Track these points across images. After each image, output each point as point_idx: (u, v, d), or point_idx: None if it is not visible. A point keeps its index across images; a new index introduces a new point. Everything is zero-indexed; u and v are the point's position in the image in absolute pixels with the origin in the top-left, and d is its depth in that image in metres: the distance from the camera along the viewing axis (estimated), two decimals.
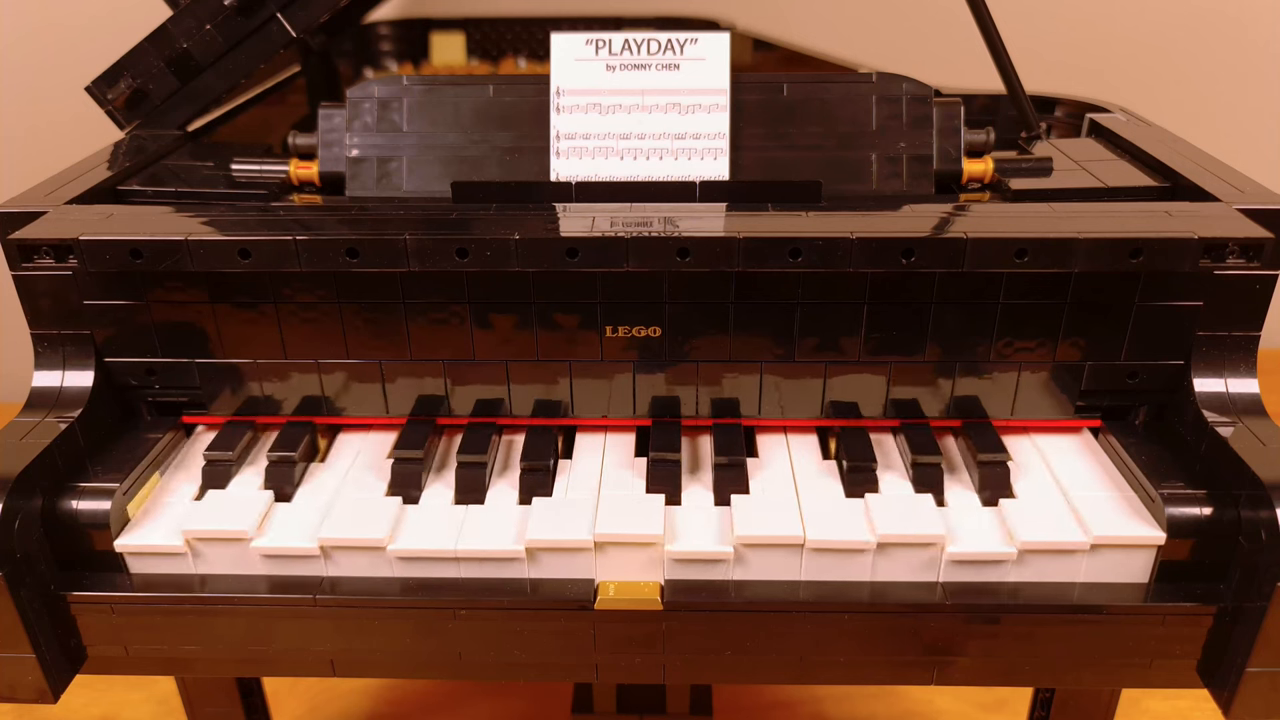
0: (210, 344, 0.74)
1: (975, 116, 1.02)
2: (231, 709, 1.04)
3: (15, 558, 0.63)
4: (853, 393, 0.75)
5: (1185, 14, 1.71)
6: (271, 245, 0.66)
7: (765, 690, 1.34)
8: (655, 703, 1.06)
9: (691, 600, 0.66)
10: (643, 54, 0.79)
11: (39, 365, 0.74)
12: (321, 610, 0.67)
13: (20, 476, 0.65)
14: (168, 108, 0.87)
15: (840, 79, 0.80)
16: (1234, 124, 1.79)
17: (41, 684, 0.66)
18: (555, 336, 0.73)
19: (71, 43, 1.66)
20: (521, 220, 0.69)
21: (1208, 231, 0.65)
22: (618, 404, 0.76)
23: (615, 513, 0.68)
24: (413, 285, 0.71)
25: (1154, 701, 1.29)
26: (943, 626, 0.66)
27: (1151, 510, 0.68)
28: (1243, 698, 0.64)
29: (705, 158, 0.78)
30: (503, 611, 0.67)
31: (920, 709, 1.32)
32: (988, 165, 0.80)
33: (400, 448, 0.73)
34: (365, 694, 1.35)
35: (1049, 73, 1.67)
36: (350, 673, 0.71)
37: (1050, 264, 0.66)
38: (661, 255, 0.66)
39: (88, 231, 0.67)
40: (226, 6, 0.83)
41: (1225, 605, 0.64)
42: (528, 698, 1.33)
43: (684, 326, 0.72)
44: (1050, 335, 0.72)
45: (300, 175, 0.82)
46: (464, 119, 0.80)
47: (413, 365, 0.75)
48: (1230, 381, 0.71)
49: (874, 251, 0.66)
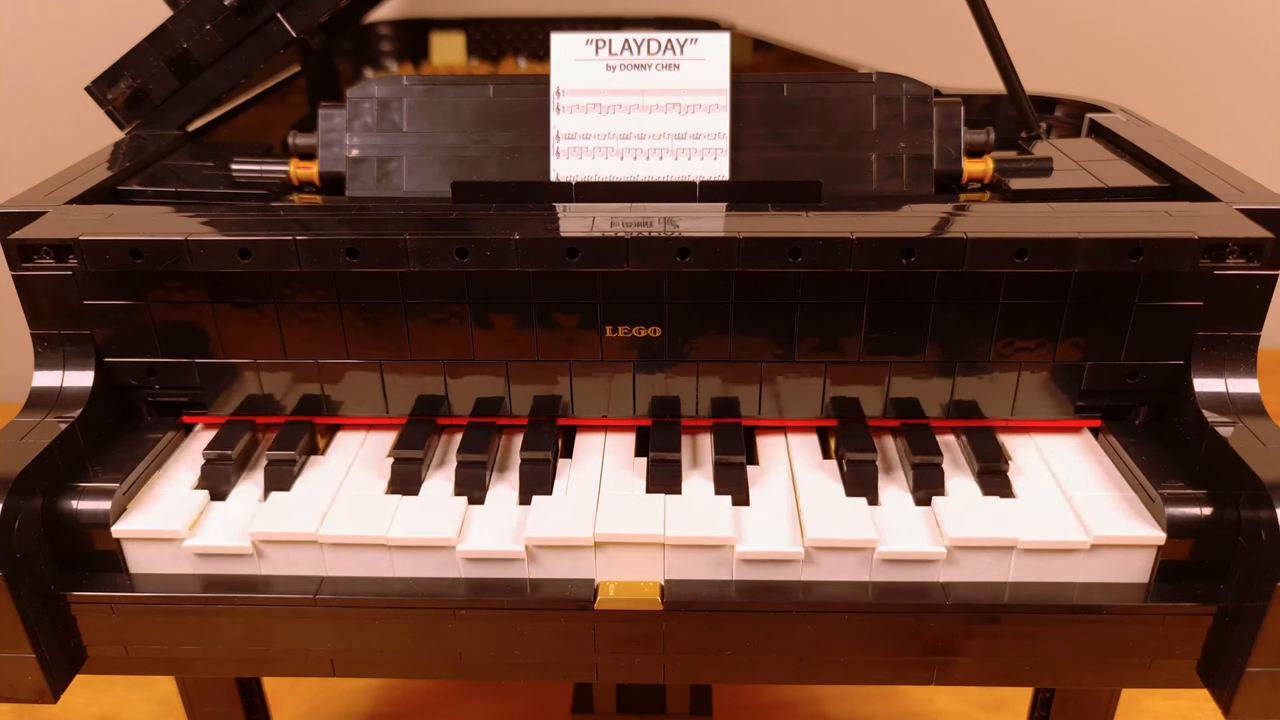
0: (210, 344, 0.74)
1: (975, 116, 1.02)
2: (231, 709, 1.05)
3: (15, 558, 0.64)
4: (853, 393, 0.75)
5: (1185, 14, 1.71)
6: (271, 245, 0.66)
7: (765, 690, 1.34)
8: (655, 703, 1.06)
9: (691, 600, 0.66)
10: (643, 54, 0.79)
11: (39, 365, 0.74)
12: (321, 610, 0.67)
13: (20, 476, 0.65)
14: (168, 108, 0.87)
15: (840, 79, 0.80)
16: (1234, 124, 1.79)
17: (41, 684, 0.66)
18: (555, 336, 0.73)
19: (71, 43, 1.66)
20: (521, 220, 0.69)
21: (1208, 231, 0.65)
22: (618, 404, 0.76)
23: (615, 513, 0.68)
24: (413, 285, 0.71)
25: (1154, 701, 1.29)
26: (943, 627, 0.66)
27: (1151, 510, 0.68)
28: (1243, 698, 0.64)
29: (705, 158, 0.78)
30: (503, 611, 0.67)
31: (920, 709, 1.32)
32: (988, 165, 0.80)
33: (400, 447, 0.74)
34: (365, 694, 1.35)
35: (1049, 73, 1.67)
36: (350, 673, 0.71)
37: (1050, 264, 0.66)
38: (661, 255, 0.66)
39: (88, 231, 0.67)
40: (226, 6, 0.83)
41: (1225, 605, 0.64)
42: (528, 698, 1.33)
43: (684, 326, 0.72)
44: (1050, 335, 0.72)
45: (300, 175, 0.82)
46: (464, 119, 0.80)
47: (413, 365, 0.75)
48: (1230, 381, 0.71)
49: (874, 251, 0.66)
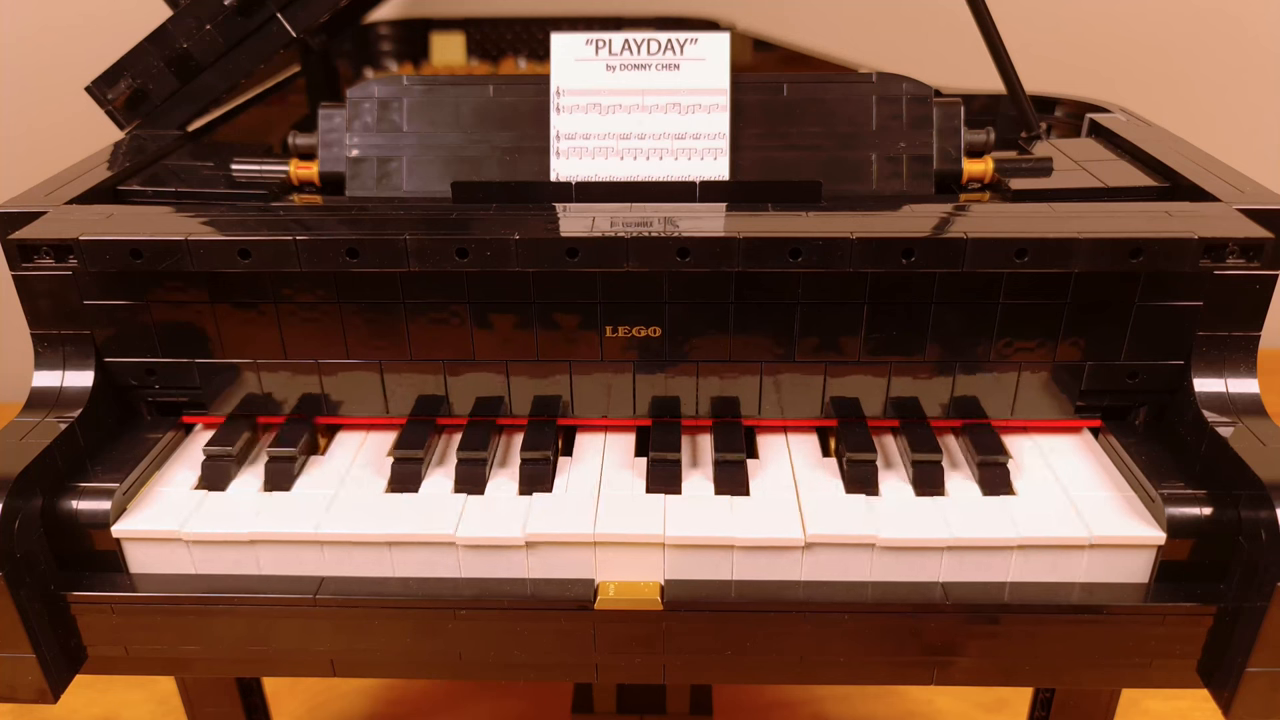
0: (210, 344, 0.74)
1: (975, 116, 1.02)
2: (231, 709, 1.05)
3: (15, 558, 0.63)
4: (853, 393, 0.75)
5: (1185, 14, 1.71)
6: (271, 245, 0.66)
7: (765, 690, 1.34)
8: (655, 703, 1.06)
9: (691, 600, 0.66)
10: (643, 54, 0.79)
11: (39, 365, 0.74)
12: (321, 610, 0.67)
13: (20, 476, 0.65)
14: (168, 108, 0.87)
15: (840, 79, 0.80)
16: (1234, 124, 1.79)
17: (41, 684, 0.66)
18: (555, 336, 0.73)
19: (71, 43, 1.66)
20: (521, 220, 0.69)
21: (1208, 231, 0.65)
22: (618, 404, 0.76)
23: (615, 512, 0.68)
24: (413, 285, 0.71)
25: (1154, 701, 1.29)
26: (943, 627, 0.66)
27: (1151, 510, 0.68)
28: (1243, 698, 0.64)
29: (705, 158, 0.78)
30: (503, 611, 0.67)
31: (920, 709, 1.32)
32: (988, 165, 0.80)
33: (400, 447, 0.74)
34: (365, 694, 1.35)
35: (1049, 73, 1.67)
36: (350, 673, 0.71)
37: (1050, 264, 0.66)
38: (661, 255, 0.66)
39: (88, 231, 0.67)
40: (226, 6, 0.83)
41: (1225, 605, 0.64)
42: (528, 698, 1.33)
43: (684, 326, 0.72)
44: (1050, 335, 0.72)
45: (300, 175, 0.82)
46: (464, 119, 0.80)
47: (413, 365, 0.75)
48: (1230, 381, 0.71)
49: (874, 251, 0.66)
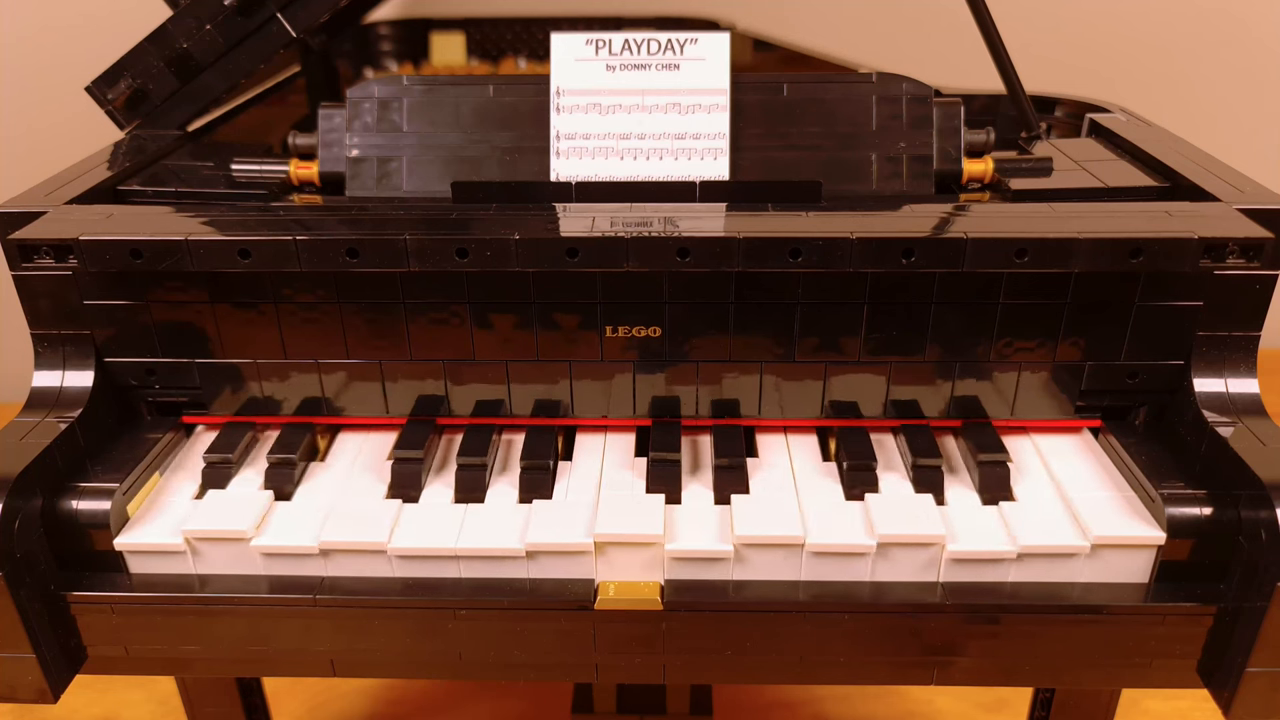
0: (210, 344, 0.74)
1: (975, 116, 1.02)
2: (231, 709, 1.05)
3: (15, 558, 0.63)
4: (853, 393, 0.75)
5: (1185, 14, 1.71)
6: (271, 245, 0.66)
7: (765, 690, 1.34)
8: (655, 703, 1.06)
9: (692, 600, 0.66)
10: (643, 54, 0.79)
11: (39, 365, 0.74)
12: (321, 610, 0.67)
13: (20, 476, 0.65)
14: (168, 108, 0.87)
15: (840, 79, 0.80)
16: (1234, 124, 1.79)
17: (41, 684, 0.66)
18: (555, 336, 0.73)
19: (71, 43, 1.66)
20: (521, 220, 0.69)
21: (1208, 231, 0.65)
22: (618, 404, 0.76)
23: (615, 513, 0.68)
24: (413, 285, 0.71)
25: (1154, 701, 1.29)
26: (943, 627, 0.66)
27: (1151, 510, 0.68)
28: (1243, 698, 0.64)
29: (705, 158, 0.78)
30: (503, 611, 0.67)
31: (920, 709, 1.32)
32: (988, 165, 0.80)
33: (400, 448, 0.74)
34: (365, 694, 1.35)
35: (1049, 73, 1.67)
36: (350, 673, 0.71)
37: (1050, 264, 0.66)
38: (661, 255, 0.66)
39: (88, 231, 0.67)
40: (226, 6, 0.83)
41: (1225, 605, 0.64)
42: (528, 698, 1.33)
43: (684, 326, 0.72)
44: (1050, 335, 0.72)
45: (300, 175, 0.82)
46: (464, 119, 0.80)
47: (413, 365, 0.75)
48: (1230, 381, 0.71)
49: (874, 251, 0.66)
